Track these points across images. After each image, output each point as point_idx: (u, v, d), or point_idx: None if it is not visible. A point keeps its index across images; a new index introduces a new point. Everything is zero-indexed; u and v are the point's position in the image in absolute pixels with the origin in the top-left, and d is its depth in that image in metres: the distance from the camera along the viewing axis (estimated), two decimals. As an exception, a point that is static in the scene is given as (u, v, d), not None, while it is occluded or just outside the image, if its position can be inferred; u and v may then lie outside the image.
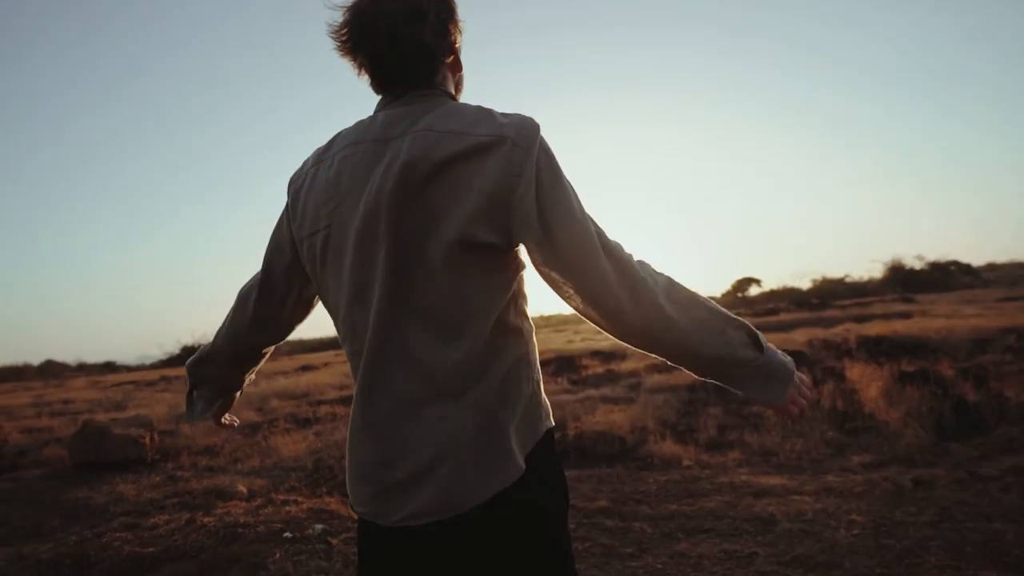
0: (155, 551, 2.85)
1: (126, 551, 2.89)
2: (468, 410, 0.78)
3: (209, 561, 2.67)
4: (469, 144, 0.77)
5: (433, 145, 0.77)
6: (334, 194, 0.83)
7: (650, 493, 3.27)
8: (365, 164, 0.81)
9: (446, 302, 0.78)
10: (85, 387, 16.37)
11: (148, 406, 8.98)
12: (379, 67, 0.85)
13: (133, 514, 3.62)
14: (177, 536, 3.04)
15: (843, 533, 2.54)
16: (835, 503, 2.90)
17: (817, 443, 3.99)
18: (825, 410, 4.76)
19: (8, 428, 7.82)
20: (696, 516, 2.88)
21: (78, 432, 5.21)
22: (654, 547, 2.57)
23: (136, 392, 12.84)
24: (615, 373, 8.47)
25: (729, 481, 3.37)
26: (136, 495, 4.08)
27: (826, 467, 3.56)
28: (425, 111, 0.82)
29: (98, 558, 2.89)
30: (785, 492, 3.11)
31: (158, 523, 3.31)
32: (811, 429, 4.28)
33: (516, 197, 0.76)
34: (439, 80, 0.88)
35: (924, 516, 2.66)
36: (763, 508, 2.90)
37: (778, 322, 14.94)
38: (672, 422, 4.90)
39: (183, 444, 5.71)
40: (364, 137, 0.84)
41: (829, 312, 17.37)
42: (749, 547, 2.49)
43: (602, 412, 5.37)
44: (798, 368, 0.89)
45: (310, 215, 0.86)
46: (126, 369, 31.15)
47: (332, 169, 0.85)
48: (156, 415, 7.54)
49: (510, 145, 0.77)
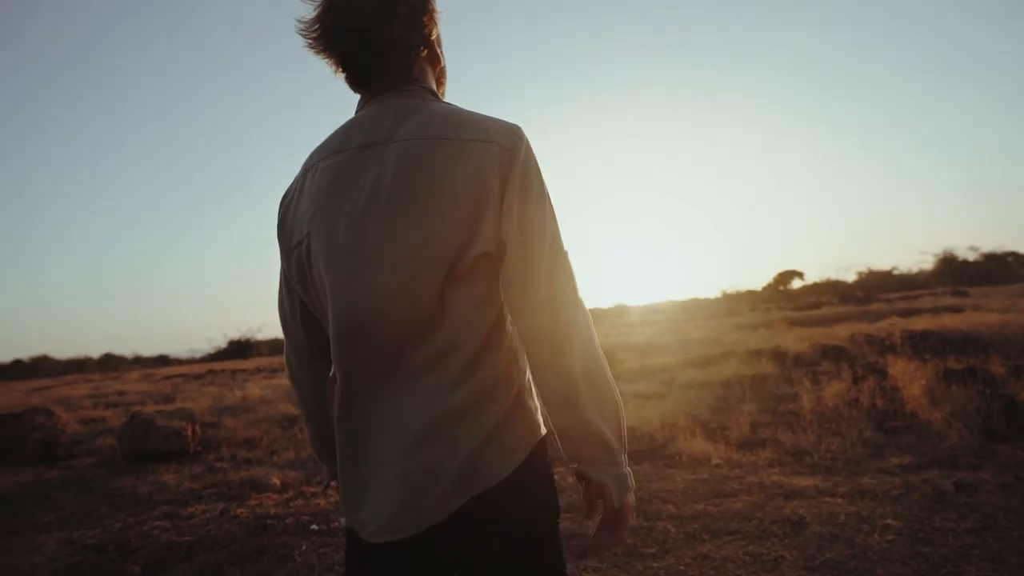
0: (190, 540, 2.99)
1: (164, 539, 3.04)
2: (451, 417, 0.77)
3: (239, 551, 2.78)
4: (456, 151, 0.76)
5: (420, 155, 0.76)
6: (320, 205, 0.81)
7: (676, 492, 3.22)
8: (350, 173, 0.79)
9: (436, 314, 0.76)
10: (139, 379, 17.23)
11: (194, 399, 9.38)
12: (351, 64, 0.82)
13: (173, 503, 3.80)
14: (211, 526, 3.18)
15: (876, 538, 2.45)
16: (870, 507, 2.79)
17: (854, 443, 3.85)
18: (864, 408, 4.58)
19: (67, 418, 8.30)
20: (722, 517, 2.82)
21: (127, 423, 5.50)
22: (677, 548, 2.54)
23: (184, 385, 13.44)
24: (649, 368, 8.35)
25: (759, 481, 3.28)
26: (177, 485, 4.28)
27: (862, 468, 3.42)
28: (407, 112, 0.80)
29: (138, 545, 3.05)
30: (817, 494, 3.01)
31: (195, 513, 3.46)
32: (848, 428, 4.12)
33: (505, 200, 0.76)
34: (416, 75, 0.85)
35: (966, 523, 2.53)
36: (793, 510, 2.81)
37: (820, 316, 14.43)
38: (704, 419, 4.80)
39: (224, 436, 5.95)
40: (347, 145, 0.82)
41: (874, 306, 16.68)
42: (776, 550, 2.42)
43: (633, 408, 5.31)
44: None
45: (296, 227, 0.85)
46: (177, 362, 32.59)
47: (316, 180, 0.83)
48: (200, 408, 7.86)
49: (497, 150, 0.76)
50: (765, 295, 34.13)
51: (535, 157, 0.80)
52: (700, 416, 4.86)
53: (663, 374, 7.48)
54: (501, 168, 0.76)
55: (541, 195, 0.79)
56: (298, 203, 0.85)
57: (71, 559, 3.09)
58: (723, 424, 4.60)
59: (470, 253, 0.75)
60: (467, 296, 0.77)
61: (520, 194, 0.76)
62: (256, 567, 2.72)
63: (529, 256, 0.76)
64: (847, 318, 12.79)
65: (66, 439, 6.89)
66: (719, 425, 4.59)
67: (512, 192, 0.76)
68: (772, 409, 4.90)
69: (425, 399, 0.77)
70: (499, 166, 0.76)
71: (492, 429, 0.78)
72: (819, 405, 4.74)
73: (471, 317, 0.77)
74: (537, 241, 0.77)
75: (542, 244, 0.77)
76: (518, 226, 0.76)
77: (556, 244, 0.79)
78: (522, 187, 0.77)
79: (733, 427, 4.46)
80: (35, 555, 3.24)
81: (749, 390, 5.54)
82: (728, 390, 5.75)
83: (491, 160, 0.76)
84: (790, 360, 7.25)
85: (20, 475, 5.34)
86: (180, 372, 18.48)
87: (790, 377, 6.21)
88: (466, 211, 0.75)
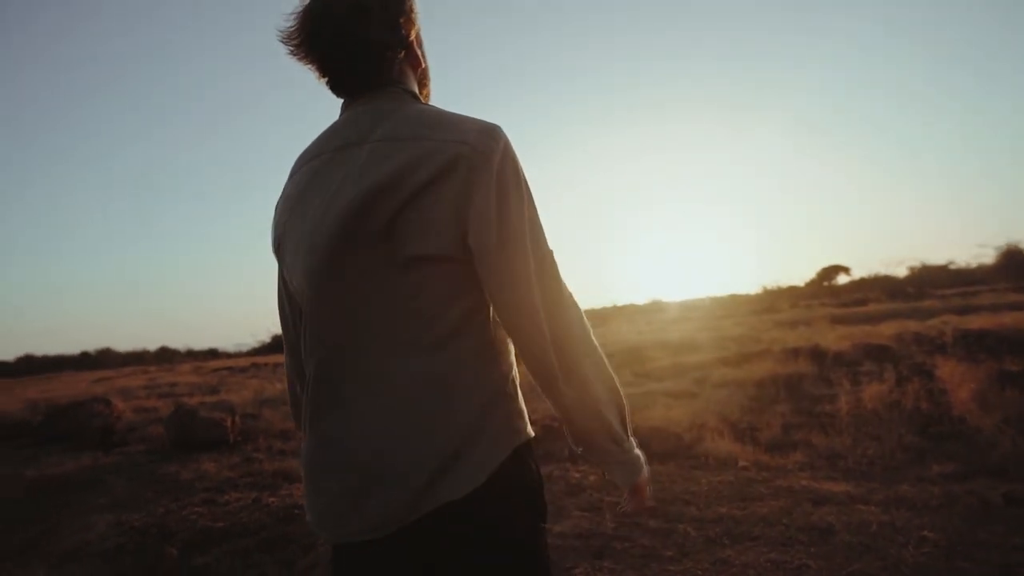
0: (224, 526, 3.13)
1: (200, 524, 3.20)
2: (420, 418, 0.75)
3: (268, 539, 2.90)
4: (427, 151, 0.74)
5: (388, 154, 0.76)
6: (293, 205, 0.83)
7: (700, 494, 3.16)
8: (327, 174, 0.80)
9: (408, 313, 0.76)
10: (189, 372, 18.12)
11: (236, 391, 9.78)
12: (328, 68, 0.83)
13: (212, 490, 3.98)
14: (244, 513, 3.32)
15: (911, 551, 2.33)
16: (905, 516, 2.66)
17: (893, 448, 3.67)
18: (906, 411, 4.36)
19: (123, 407, 8.81)
20: (746, 521, 2.74)
21: (172, 414, 5.79)
22: (696, 552, 2.48)
23: (229, 377, 14.02)
24: (682, 366, 8.19)
25: (787, 485, 3.18)
26: (216, 473, 4.49)
27: (900, 475, 3.26)
28: (384, 115, 0.80)
29: (177, 528, 3.22)
30: (849, 500, 2.89)
31: (230, 500, 3.62)
32: (888, 432, 3.94)
33: (472, 206, 0.74)
34: (395, 76, 0.85)
35: (1015, 538, 2.38)
36: (821, 517, 2.71)
37: (865, 313, 13.80)
38: (734, 419, 4.68)
39: (262, 428, 6.18)
40: (326, 147, 0.83)
41: (927, 303, 15.87)
42: (800, 558, 2.34)
43: (661, 407, 5.23)
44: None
45: (277, 228, 0.87)
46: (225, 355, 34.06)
47: (300, 184, 0.84)
48: (241, 400, 8.18)
49: (468, 151, 0.74)
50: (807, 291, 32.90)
51: (514, 158, 0.77)
52: (730, 416, 4.74)
53: (695, 372, 7.33)
54: (470, 170, 0.74)
55: (520, 197, 0.77)
56: (283, 204, 0.88)
57: (118, 540, 3.28)
58: (753, 425, 4.47)
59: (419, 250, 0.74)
60: (422, 291, 0.75)
61: (497, 197, 0.74)
62: (283, 554, 2.83)
63: (513, 261, 0.74)
64: (895, 315, 12.21)
65: (122, 427, 7.32)
66: (749, 426, 4.46)
67: (486, 195, 0.74)
68: (807, 410, 4.73)
69: (385, 400, 0.76)
70: (468, 168, 0.74)
71: (463, 432, 0.76)
72: (857, 407, 4.54)
73: (431, 312, 0.75)
74: (519, 245, 0.75)
75: (524, 247, 0.75)
76: (497, 230, 0.74)
77: (539, 246, 0.77)
78: (499, 190, 0.75)
79: (764, 428, 4.33)
80: (87, 534, 3.46)
81: (784, 390, 5.36)
82: (762, 390, 5.58)
83: (461, 159, 0.74)
84: (829, 359, 6.97)
85: (81, 459, 5.70)
86: (227, 365, 19.33)
87: (828, 377, 5.97)
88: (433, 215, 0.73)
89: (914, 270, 33.89)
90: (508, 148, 0.77)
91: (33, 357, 36.51)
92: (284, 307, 0.94)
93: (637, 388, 6.63)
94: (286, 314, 0.94)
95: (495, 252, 0.74)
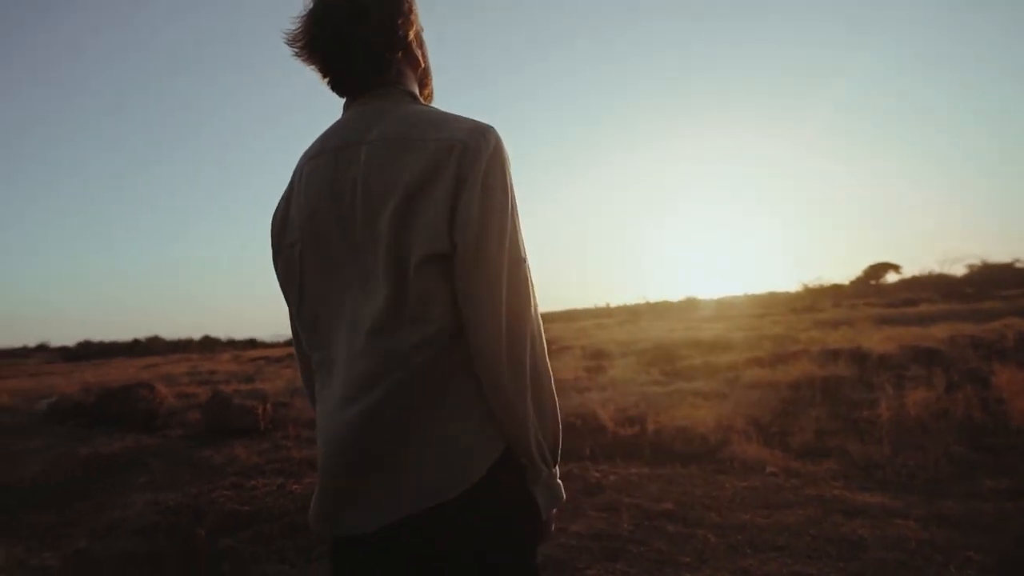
0: (249, 510, 3.21)
1: (228, 507, 3.29)
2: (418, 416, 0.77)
3: (289, 524, 2.96)
4: (417, 149, 0.76)
5: (383, 155, 0.78)
6: (302, 205, 0.85)
7: (722, 499, 3.04)
8: (329, 175, 0.82)
9: (410, 312, 0.77)
10: (229, 360, 18.81)
11: (270, 380, 10.08)
12: (329, 69, 0.86)
13: (240, 475, 4.10)
14: (269, 499, 3.40)
15: (952, 572, 2.17)
16: (948, 534, 2.49)
17: (938, 459, 3.45)
18: (956, 421, 4.09)
19: (165, 393, 9.21)
20: (770, 530, 2.62)
21: (209, 401, 6.01)
22: (716, 559, 2.39)
23: (266, 367, 14.49)
24: (712, 366, 7.97)
25: (817, 494, 3.03)
26: (246, 459, 4.62)
27: (945, 490, 3.06)
28: (381, 115, 0.82)
29: (207, 510, 3.32)
30: (884, 514, 2.73)
31: (257, 486, 3.72)
32: (933, 442, 3.71)
33: (461, 203, 0.75)
34: (393, 77, 0.87)
35: (1070, 562, 2.19)
36: (853, 529, 2.57)
37: (915, 314, 13.12)
38: (764, 423, 4.50)
39: (292, 416, 6.34)
40: (327, 146, 0.85)
41: (987, 304, 14.95)
42: (827, 572, 2.22)
43: (688, 407, 5.08)
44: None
45: (288, 227, 0.88)
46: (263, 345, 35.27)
47: (302, 182, 0.86)
48: (274, 389, 8.43)
49: (460, 149, 0.76)
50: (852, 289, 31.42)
51: (504, 160, 0.78)
52: (760, 419, 4.56)
53: (727, 372, 7.11)
54: (460, 168, 0.75)
55: (504, 200, 0.77)
56: (290, 204, 0.89)
57: (152, 518, 3.42)
58: (785, 429, 4.29)
59: (420, 250, 0.75)
60: (430, 293, 0.76)
61: (481, 196, 0.75)
62: (303, 540, 2.88)
63: (483, 261, 0.75)
64: (949, 317, 11.54)
65: (164, 411, 7.66)
66: (780, 430, 4.28)
67: (471, 193, 0.75)
68: (843, 415, 4.50)
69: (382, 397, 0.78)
70: (457, 165, 0.75)
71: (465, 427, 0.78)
72: (900, 414, 4.29)
73: (433, 313, 0.77)
74: (493, 245, 0.75)
75: (499, 249, 0.76)
76: (475, 229, 0.75)
77: (514, 251, 0.78)
78: (484, 189, 0.76)
79: (796, 433, 4.14)
80: (126, 511, 3.63)
81: (820, 393, 5.13)
82: (796, 392, 5.35)
83: (451, 158, 0.75)
84: (872, 362, 6.63)
85: (125, 440, 5.99)
86: (264, 355, 19.97)
87: (870, 381, 5.68)
88: (429, 212, 0.75)
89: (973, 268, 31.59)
90: (499, 149, 0.78)
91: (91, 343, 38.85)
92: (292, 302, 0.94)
93: (663, 387, 6.49)
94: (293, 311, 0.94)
95: (472, 249, 0.75)
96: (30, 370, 22.65)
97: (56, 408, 8.20)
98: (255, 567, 2.62)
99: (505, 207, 0.77)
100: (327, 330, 0.84)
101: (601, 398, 5.81)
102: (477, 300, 0.75)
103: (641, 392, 6.15)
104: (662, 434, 4.25)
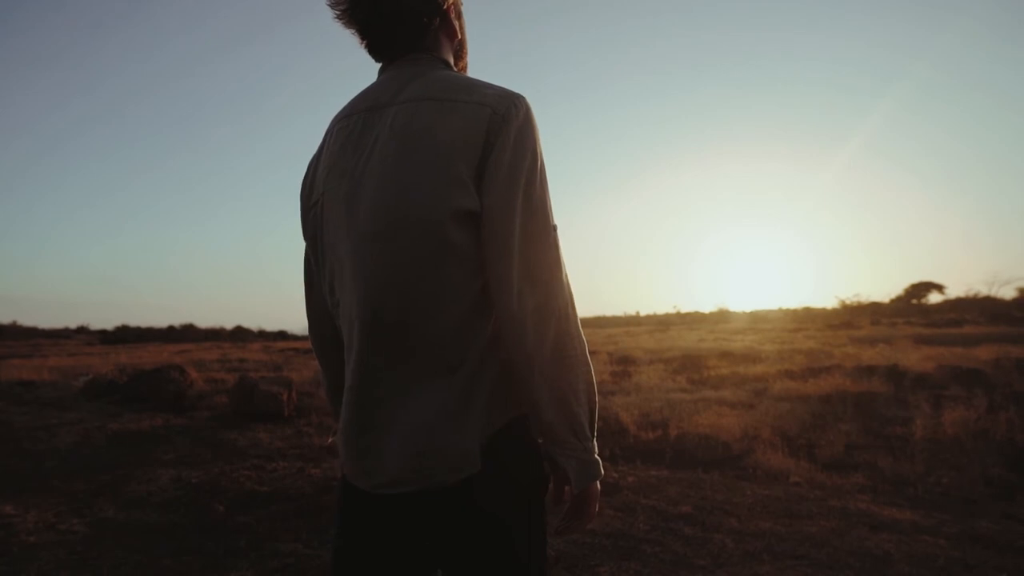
0: (268, 491, 3.27)
1: (248, 487, 3.36)
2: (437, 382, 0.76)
3: (306, 506, 3.00)
4: (446, 110, 0.77)
5: (412, 115, 0.78)
6: (331, 165, 0.84)
7: (743, 506, 2.96)
8: (358, 134, 0.83)
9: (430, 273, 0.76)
10: (259, 350, 19.30)
11: (298, 370, 10.28)
12: (367, 33, 0.87)
13: (262, 458, 4.19)
14: (288, 481, 3.46)
15: (983, 590, 2.07)
16: (980, 554, 2.36)
17: (974, 479, 3.29)
18: (996, 442, 3.90)
19: (196, 377, 9.49)
20: (790, 539, 2.54)
21: (236, 385, 6.16)
22: (732, 564, 2.32)
23: (294, 357, 14.81)
24: (741, 376, 7.79)
25: (842, 506, 2.92)
26: (269, 443, 4.72)
27: (980, 510, 2.91)
28: (413, 78, 0.82)
29: (228, 488, 3.40)
30: (913, 530, 2.61)
31: (277, 468, 3.79)
32: (970, 462, 3.53)
33: (490, 163, 0.75)
34: (428, 44, 0.87)
35: (1114, 590, 2.06)
36: (878, 544, 2.46)
37: (959, 335, 12.53)
38: (791, 434, 4.37)
39: (317, 406, 6.46)
40: (357, 108, 0.85)
41: (1036, 328, 14.16)
42: (848, 585, 2.13)
43: (713, 415, 4.97)
44: None
45: (315, 187, 0.88)
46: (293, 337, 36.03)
47: (334, 142, 0.86)
48: (300, 378, 8.59)
49: (489, 113, 0.76)
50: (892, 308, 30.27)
51: (534, 128, 0.78)
52: (787, 430, 4.43)
53: (755, 383, 6.93)
54: (489, 132, 0.75)
55: (533, 165, 0.77)
56: (318, 163, 0.89)
57: (176, 493, 3.52)
58: (812, 441, 4.15)
59: (444, 212, 0.74)
60: (454, 259, 0.75)
61: (510, 162, 0.75)
62: (318, 521, 2.92)
63: (510, 225, 0.74)
64: (996, 339, 10.99)
65: (193, 394, 7.89)
66: (807, 442, 4.14)
67: (500, 158, 0.75)
68: (875, 431, 4.33)
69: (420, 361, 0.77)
70: (487, 130, 0.75)
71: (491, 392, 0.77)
72: (935, 432, 4.11)
73: (459, 281, 0.75)
74: (521, 210, 0.74)
75: (527, 214, 0.75)
76: (502, 193, 0.74)
77: (542, 216, 0.76)
78: (513, 155, 0.75)
79: (824, 445, 4.01)
80: (151, 485, 3.74)
81: (851, 408, 4.95)
82: (826, 406, 5.18)
83: (479, 121, 0.75)
84: (909, 380, 6.37)
85: (155, 419, 6.19)
86: (294, 346, 20.39)
87: (905, 399, 5.45)
88: (456, 171, 0.74)
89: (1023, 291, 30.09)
90: (528, 116, 0.78)
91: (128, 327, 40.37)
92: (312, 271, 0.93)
93: (689, 394, 6.36)
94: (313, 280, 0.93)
95: (498, 212, 0.74)
96: (70, 349, 23.67)
97: (91, 385, 8.51)
98: (270, 544, 2.67)
99: (535, 172, 0.76)
100: (343, 292, 0.82)
101: (625, 402, 5.74)
102: (506, 263, 0.74)
103: (666, 398, 6.05)
104: (684, 440, 4.17)
